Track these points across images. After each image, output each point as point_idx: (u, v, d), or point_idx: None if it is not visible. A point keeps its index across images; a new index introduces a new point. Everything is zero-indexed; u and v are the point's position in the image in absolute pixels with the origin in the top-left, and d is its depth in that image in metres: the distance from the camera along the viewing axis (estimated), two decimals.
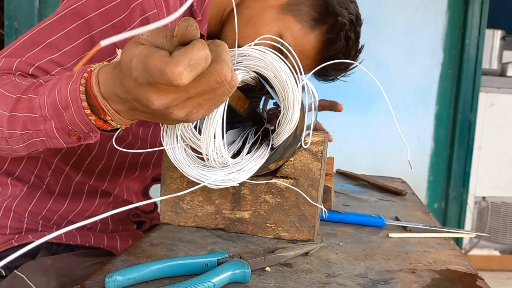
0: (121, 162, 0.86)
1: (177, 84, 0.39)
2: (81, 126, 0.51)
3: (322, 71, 0.89)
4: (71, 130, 0.52)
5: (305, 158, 0.60)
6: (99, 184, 0.86)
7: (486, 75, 2.35)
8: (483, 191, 2.47)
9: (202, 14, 0.81)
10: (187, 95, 0.42)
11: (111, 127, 0.52)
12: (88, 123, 0.50)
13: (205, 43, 0.40)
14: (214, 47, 0.42)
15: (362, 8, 0.90)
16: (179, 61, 0.38)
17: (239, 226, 0.63)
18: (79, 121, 0.50)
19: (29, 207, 0.81)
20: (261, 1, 0.84)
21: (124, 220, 0.92)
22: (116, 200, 0.89)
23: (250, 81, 0.55)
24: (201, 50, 0.39)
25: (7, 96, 0.56)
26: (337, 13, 0.83)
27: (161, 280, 0.47)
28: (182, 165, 0.54)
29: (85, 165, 0.83)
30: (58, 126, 0.52)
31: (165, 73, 0.38)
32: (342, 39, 0.83)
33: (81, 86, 0.49)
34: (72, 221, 0.85)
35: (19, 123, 0.55)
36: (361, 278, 0.51)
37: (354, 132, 2.27)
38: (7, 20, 1.87)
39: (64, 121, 0.51)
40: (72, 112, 0.50)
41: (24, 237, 0.80)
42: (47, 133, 0.53)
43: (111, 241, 0.87)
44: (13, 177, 0.82)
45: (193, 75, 0.39)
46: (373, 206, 0.86)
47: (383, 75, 2.21)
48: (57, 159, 0.82)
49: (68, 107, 0.50)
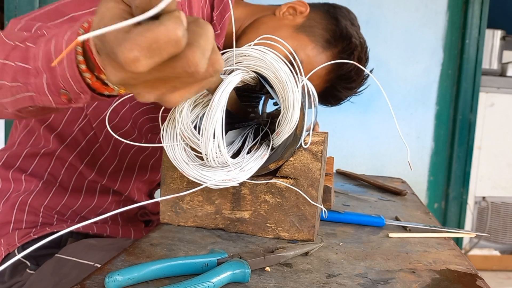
0: (132, 163, 0.89)
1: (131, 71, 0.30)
2: (71, 83, 0.45)
3: (333, 93, 0.89)
4: (62, 87, 0.46)
5: (305, 158, 0.60)
6: (111, 184, 0.88)
7: (486, 75, 2.35)
8: (483, 191, 2.47)
9: (221, 28, 0.83)
10: (149, 77, 0.33)
11: (109, 91, 0.46)
12: (79, 80, 0.44)
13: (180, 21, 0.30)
14: (193, 28, 0.32)
15: (362, 8, 0.90)
16: (136, 43, 0.29)
17: (239, 226, 0.63)
18: (70, 76, 0.44)
19: (45, 202, 0.83)
20: (278, 20, 0.86)
21: (132, 218, 0.94)
22: (127, 199, 0.91)
23: (250, 81, 0.55)
24: (170, 32, 0.29)
25: (5, 43, 0.52)
26: (350, 35, 0.85)
27: (161, 280, 0.47)
28: (182, 164, 0.54)
29: (98, 164, 0.85)
30: (50, 82, 0.46)
31: (116, 54, 0.30)
32: (355, 58, 0.85)
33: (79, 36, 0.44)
34: (85, 217, 0.87)
35: (10, 73, 0.50)
36: (361, 278, 0.51)
37: (354, 132, 2.26)
38: (7, 20, 1.87)
39: (56, 76, 0.46)
40: (64, 66, 0.44)
41: (42, 230, 0.81)
42: (37, 88, 0.48)
43: (126, 232, 0.90)
44: (27, 174, 0.83)
45: (154, 62, 0.30)
46: (373, 206, 0.86)
47: (383, 75, 2.21)
48: (72, 157, 0.84)
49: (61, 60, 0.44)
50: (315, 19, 0.86)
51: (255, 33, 0.84)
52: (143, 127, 0.85)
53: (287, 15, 0.87)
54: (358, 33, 0.87)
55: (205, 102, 0.55)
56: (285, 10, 0.86)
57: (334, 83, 0.87)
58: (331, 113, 1.00)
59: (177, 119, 0.53)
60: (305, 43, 0.83)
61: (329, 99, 0.91)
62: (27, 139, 0.85)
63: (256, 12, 0.89)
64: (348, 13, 0.89)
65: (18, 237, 0.79)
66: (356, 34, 0.86)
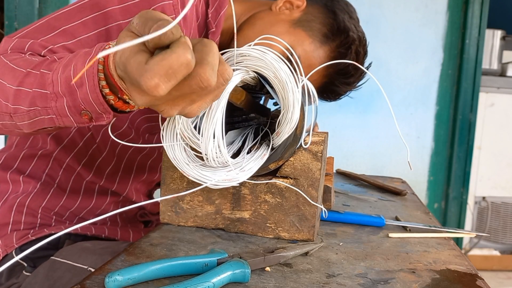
0: (130, 164, 0.88)
1: (154, 96, 0.37)
2: (94, 105, 0.48)
3: (331, 88, 0.89)
4: (83, 109, 0.49)
5: (305, 158, 0.60)
6: (109, 185, 0.88)
7: (486, 75, 2.35)
8: (483, 191, 2.47)
9: (216, 26, 0.82)
10: (170, 97, 0.39)
11: (131, 108, 0.50)
12: (102, 103, 0.47)
13: (187, 46, 0.36)
14: (200, 47, 0.38)
15: (362, 8, 0.90)
16: (154, 72, 0.35)
17: (239, 226, 0.63)
18: (92, 99, 0.47)
19: (43, 203, 0.82)
20: (274, 15, 0.85)
21: (131, 219, 0.94)
22: (126, 200, 0.91)
23: (250, 81, 0.55)
24: (181, 57, 0.35)
25: (15, 70, 0.54)
26: (348, 29, 0.84)
27: (161, 280, 0.47)
28: (182, 164, 0.54)
29: (96, 165, 0.85)
30: (70, 104, 0.49)
31: (140, 84, 0.36)
32: (352, 53, 0.84)
33: (99, 64, 0.46)
34: (83, 218, 0.87)
35: (27, 99, 0.52)
36: (361, 278, 0.51)
37: (354, 132, 2.26)
38: (7, 20, 1.87)
39: (77, 99, 0.48)
40: (86, 90, 0.47)
41: (40, 231, 0.80)
42: (58, 111, 0.50)
43: (124, 233, 0.89)
44: (25, 175, 0.83)
45: (171, 84, 0.36)
46: (373, 206, 0.86)
47: (383, 75, 2.21)
48: (70, 159, 0.83)
49: (83, 84, 0.47)
50: (312, 13, 0.85)
51: (251, 29, 0.83)
52: (140, 127, 0.84)
53: (283, 10, 0.85)
54: (357, 27, 0.86)
55: None
56: (282, 5, 0.85)
57: (332, 78, 0.86)
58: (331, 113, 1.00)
59: (177, 119, 0.53)
60: (302, 38, 0.82)
61: (328, 94, 0.90)
62: (24, 140, 0.85)
63: (253, 8, 0.88)
64: (346, 6, 0.87)
65: (16, 238, 0.79)
66: (354, 28, 0.85)
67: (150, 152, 0.89)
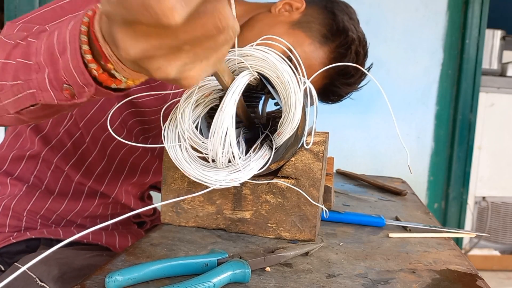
0: (121, 165, 0.87)
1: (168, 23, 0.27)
2: (75, 75, 0.42)
3: (332, 89, 0.89)
4: (64, 82, 0.43)
5: (306, 158, 0.60)
6: (97, 186, 0.87)
7: (486, 75, 2.35)
8: (483, 191, 2.47)
9: None
10: (175, 42, 0.31)
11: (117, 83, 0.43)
12: (83, 71, 0.41)
13: None
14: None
15: (362, 8, 0.90)
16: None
17: (240, 226, 0.63)
18: (73, 67, 0.41)
19: (27, 206, 0.82)
20: (273, 16, 0.85)
21: (124, 220, 0.93)
22: (114, 202, 0.90)
23: (251, 81, 0.55)
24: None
25: (6, 43, 0.50)
26: (347, 29, 0.84)
27: (161, 280, 0.47)
28: (183, 164, 0.54)
29: (85, 166, 0.84)
30: (52, 76, 0.44)
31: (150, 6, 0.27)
32: (352, 53, 0.84)
33: (83, 26, 0.39)
34: (71, 220, 0.86)
35: (11, 72, 0.47)
36: (361, 278, 0.51)
37: (354, 132, 2.27)
38: (7, 20, 1.87)
39: (59, 70, 0.43)
40: (68, 57, 0.41)
41: (23, 234, 0.80)
42: (38, 84, 0.45)
43: (109, 238, 0.88)
44: (12, 177, 0.83)
45: (188, 11, 0.28)
46: (373, 206, 0.86)
47: (383, 75, 2.21)
48: (57, 159, 0.83)
49: (65, 50, 0.41)
50: (311, 15, 0.85)
51: (250, 31, 0.84)
52: (133, 129, 0.83)
53: (283, 11, 0.85)
54: (356, 27, 0.86)
55: (206, 102, 0.55)
56: (281, 6, 0.85)
57: (333, 79, 0.86)
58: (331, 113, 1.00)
59: (179, 119, 0.53)
60: (301, 39, 0.82)
61: (329, 95, 0.90)
62: (14, 142, 0.84)
63: (252, 10, 0.88)
64: (346, 8, 0.88)
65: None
66: (353, 28, 0.85)
67: (143, 154, 0.89)
